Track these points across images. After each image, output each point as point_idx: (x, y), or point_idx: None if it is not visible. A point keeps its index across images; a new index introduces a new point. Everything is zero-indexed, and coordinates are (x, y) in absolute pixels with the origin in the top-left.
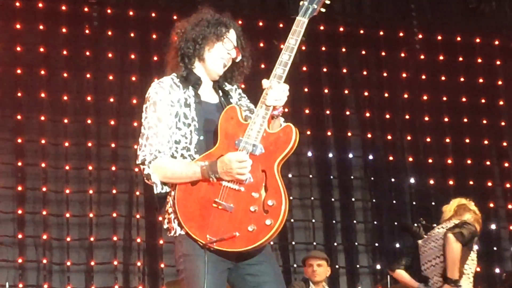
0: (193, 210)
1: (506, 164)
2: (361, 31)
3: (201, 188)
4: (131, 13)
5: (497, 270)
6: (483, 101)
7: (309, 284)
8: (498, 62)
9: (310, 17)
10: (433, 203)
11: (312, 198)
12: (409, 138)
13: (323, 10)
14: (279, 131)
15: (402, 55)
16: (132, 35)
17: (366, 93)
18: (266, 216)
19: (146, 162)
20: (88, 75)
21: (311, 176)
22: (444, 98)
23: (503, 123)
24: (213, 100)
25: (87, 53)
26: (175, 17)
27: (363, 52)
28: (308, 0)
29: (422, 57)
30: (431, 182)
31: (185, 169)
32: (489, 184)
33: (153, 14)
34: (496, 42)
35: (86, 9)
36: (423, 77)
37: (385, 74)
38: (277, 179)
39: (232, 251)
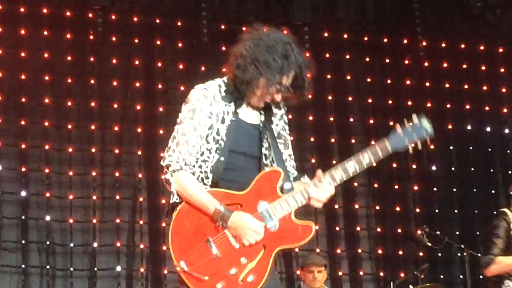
0: (184, 231)
1: (510, 172)
2: (365, 38)
3: (204, 219)
4: (135, 19)
5: None
6: (487, 108)
7: None
8: (502, 70)
9: (396, 150)
10: (436, 211)
11: None
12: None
13: (419, 146)
14: (300, 225)
15: (406, 62)
16: (136, 41)
17: (370, 100)
18: (239, 286)
19: (170, 169)
20: (92, 81)
21: None
22: (448, 106)
23: (507, 131)
24: (252, 120)
25: (91, 59)
26: (179, 24)
27: (367, 59)
28: (404, 131)
29: (426, 64)
30: (435, 189)
31: (201, 199)
32: (493, 191)
33: (157, 20)
34: (500, 50)
35: (90, 15)
36: (427, 84)
37: (389, 81)
38: (269, 262)
39: None
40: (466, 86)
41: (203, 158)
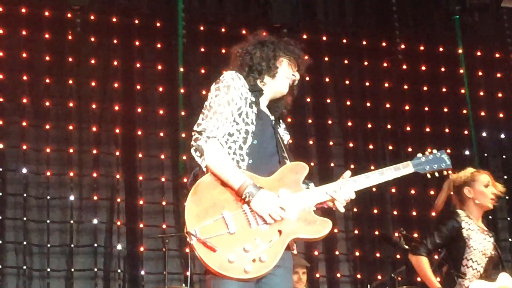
0: (202, 201)
1: None
2: (344, 41)
3: (225, 194)
4: (114, 19)
5: None
6: (464, 111)
7: None
8: (480, 73)
9: (418, 172)
10: (414, 213)
11: None
12: (390, 147)
13: (436, 174)
14: (320, 219)
15: (385, 64)
16: (115, 41)
17: (348, 102)
18: (251, 264)
19: (204, 134)
20: (70, 81)
21: None
22: (426, 108)
23: (484, 134)
24: (269, 115)
25: (70, 59)
26: (158, 24)
27: (346, 62)
28: (426, 160)
29: (404, 67)
30: (412, 192)
31: (230, 170)
32: None
33: (136, 21)
34: (478, 53)
35: (69, 15)
36: (405, 87)
37: (367, 84)
38: (283, 247)
39: (200, 259)
40: (444, 89)
41: (233, 139)
